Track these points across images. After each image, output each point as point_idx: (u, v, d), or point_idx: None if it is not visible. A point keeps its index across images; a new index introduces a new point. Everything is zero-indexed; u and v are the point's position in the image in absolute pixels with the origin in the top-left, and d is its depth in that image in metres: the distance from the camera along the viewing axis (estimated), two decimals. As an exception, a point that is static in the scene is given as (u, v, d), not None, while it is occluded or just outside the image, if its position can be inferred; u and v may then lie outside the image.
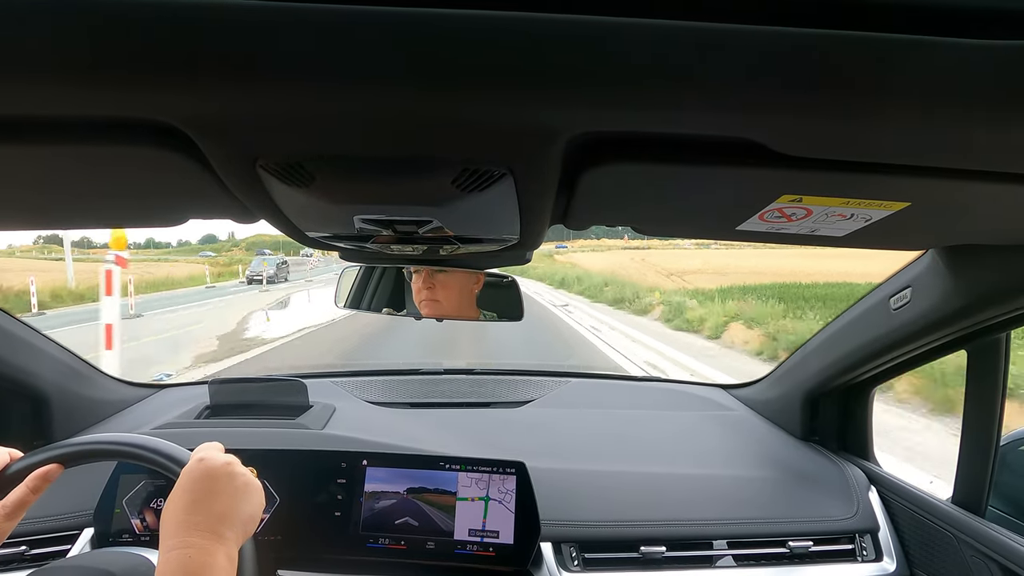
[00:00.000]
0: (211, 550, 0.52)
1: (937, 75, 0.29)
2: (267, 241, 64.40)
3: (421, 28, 0.28)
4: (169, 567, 0.50)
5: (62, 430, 1.20)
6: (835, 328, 1.15)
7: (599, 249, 43.63)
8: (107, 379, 1.41)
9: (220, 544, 0.53)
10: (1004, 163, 0.41)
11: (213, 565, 0.51)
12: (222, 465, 0.59)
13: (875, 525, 1.05)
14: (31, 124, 0.38)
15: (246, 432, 1.19)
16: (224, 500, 0.57)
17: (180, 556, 0.51)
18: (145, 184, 0.51)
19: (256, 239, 71.02)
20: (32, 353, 1.15)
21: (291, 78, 0.30)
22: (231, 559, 0.54)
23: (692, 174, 0.47)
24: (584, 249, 45.93)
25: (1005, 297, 0.76)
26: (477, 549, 0.95)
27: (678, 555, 0.99)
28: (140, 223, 0.69)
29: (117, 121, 0.37)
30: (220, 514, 0.55)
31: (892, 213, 0.52)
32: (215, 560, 0.52)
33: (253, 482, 0.61)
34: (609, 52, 0.29)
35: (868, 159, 0.41)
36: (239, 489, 0.59)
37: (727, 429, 1.37)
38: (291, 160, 0.43)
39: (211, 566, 0.51)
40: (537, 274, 24.48)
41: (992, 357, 0.89)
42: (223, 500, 0.57)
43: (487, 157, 0.42)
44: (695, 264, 25.14)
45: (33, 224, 0.68)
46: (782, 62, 0.29)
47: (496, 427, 1.34)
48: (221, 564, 0.52)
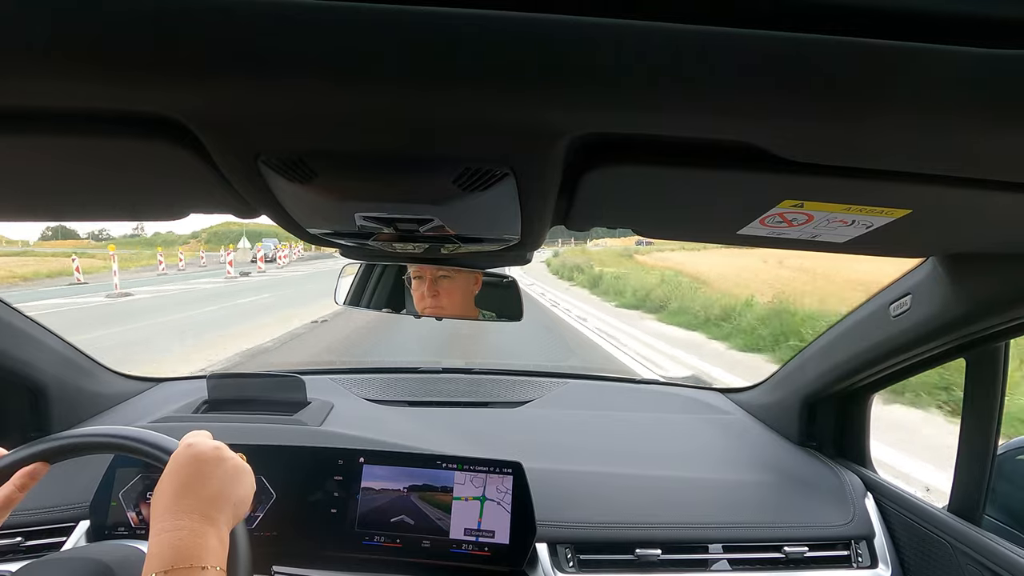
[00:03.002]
0: (202, 532, 0.52)
1: (939, 83, 0.29)
2: (234, 231, 59.27)
3: (426, 27, 0.28)
4: (160, 549, 0.50)
5: (60, 423, 1.20)
6: (834, 334, 1.15)
7: (694, 248, 24.82)
8: (106, 372, 1.41)
9: (211, 526, 0.53)
10: (1005, 171, 0.41)
11: (204, 547, 0.51)
12: (211, 449, 0.59)
13: (871, 532, 1.04)
14: (34, 116, 0.38)
15: (243, 427, 1.19)
16: (214, 483, 0.56)
17: (171, 538, 0.51)
18: (146, 177, 0.52)
19: (223, 228, 66.36)
20: (31, 344, 1.15)
21: (295, 74, 0.30)
22: (222, 541, 0.54)
23: (694, 178, 0.47)
24: (672, 248, 27.96)
25: (1005, 306, 0.76)
26: (473, 548, 0.95)
27: (674, 558, 0.99)
28: (140, 216, 0.69)
29: (120, 114, 0.37)
30: (210, 497, 0.55)
31: (893, 220, 0.52)
32: (206, 542, 0.52)
33: (242, 465, 0.61)
34: (612, 54, 0.29)
35: (870, 166, 0.41)
36: (228, 472, 0.59)
37: (725, 433, 1.37)
38: (293, 156, 0.43)
39: (202, 547, 0.51)
40: (614, 287, 13.39)
41: (991, 366, 0.89)
42: (213, 483, 0.56)
43: (489, 157, 0.42)
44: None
45: (31, 216, 0.68)
46: (784, 67, 0.29)
47: (494, 427, 1.34)
48: (212, 546, 0.52)
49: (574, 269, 20.64)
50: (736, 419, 1.44)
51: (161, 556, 0.50)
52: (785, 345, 6.54)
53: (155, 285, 15.57)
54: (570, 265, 22.10)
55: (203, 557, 0.50)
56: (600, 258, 25.38)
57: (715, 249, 21.65)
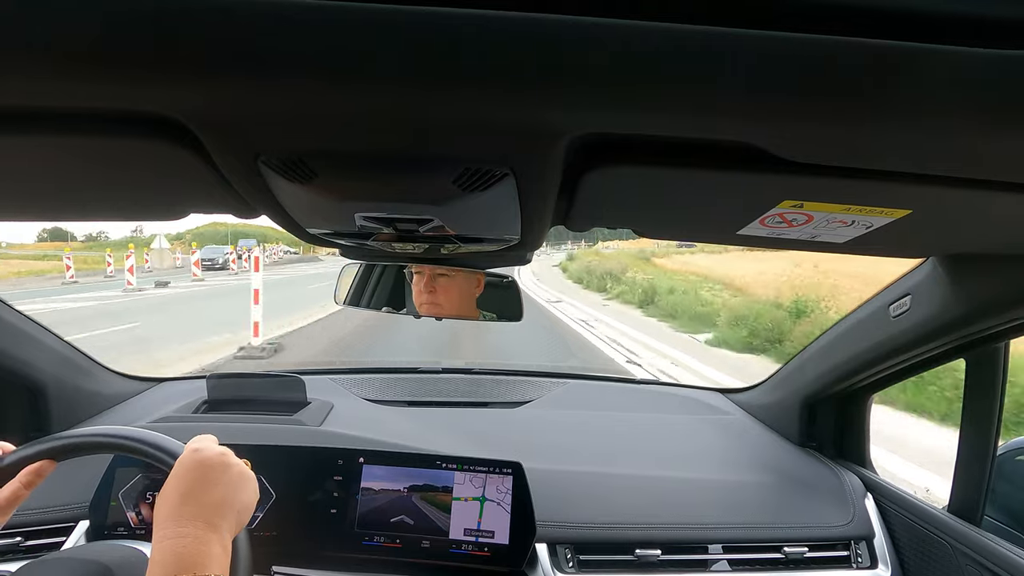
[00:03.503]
0: (205, 539, 0.52)
1: (940, 84, 0.29)
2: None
3: (426, 27, 0.28)
4: (163, 556, 0.50)
5: (60, 422, 1.20)
6: (834, 334, 1.15)
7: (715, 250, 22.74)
8: (105, 372, 1.41)
9: (214, 533, 0.53)
10: (1006, 172, 0.41)
11: (208, 554, 0.51)
12: (216, 455, 0.59)
13: (871, 532, 1.04)
14: (35, 116, 0.38)
15: (243, 427, 1.19)
16: (219, 490, 0.56)
17: (174, 545, 0.51)
18: (146, 177, 0.52)
19: (210, 228, 61.77)
20: (30, 344, 1.15)
21: (294, 75, 0.30)
22: (225, 549, 0.54)
23: (693, 178, 0.47)
24: (692, 250, 25.32)
25: (1005, 306, 0.76)
26: (472, 549, 0.95)
27: (673, 559, 0.99)
28: (140, 216, 0.70)
29: (120, 114, 0.37)
30: (214, 504, 0.55)
31: (893, 220, 0.52)
32: (209, 549, 0.51)
33: (247, 473, 0.61)
34: (612, 54, 0.29)
35: (870, 166, 0.41)
36: (233, 479, 0.58)
37: (724, 433, 1.37)
38: (293, 156, 0.43)
39: (206, 555, 0.51)
40: (682, 308, 10.17)
41: (991, 367, 0.89)
42: (218, 490, 0.56)
43: (489, 157, 0.42)
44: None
45: (33, 216, 0.68)
46: (783, 67, 0.29)
47: (493, 427, 1.34)
48: (215, 553, 0.52)
49: (606, 277, 15.92)
50: (736, 419, 1.44)
51: (164, 563, 0.49)
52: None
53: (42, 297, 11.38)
54: (598, 272, 17.09)
55: (206, 565, 0.50)
56: (620, 262, 19.98)
57: (736, 251, 19.94)
